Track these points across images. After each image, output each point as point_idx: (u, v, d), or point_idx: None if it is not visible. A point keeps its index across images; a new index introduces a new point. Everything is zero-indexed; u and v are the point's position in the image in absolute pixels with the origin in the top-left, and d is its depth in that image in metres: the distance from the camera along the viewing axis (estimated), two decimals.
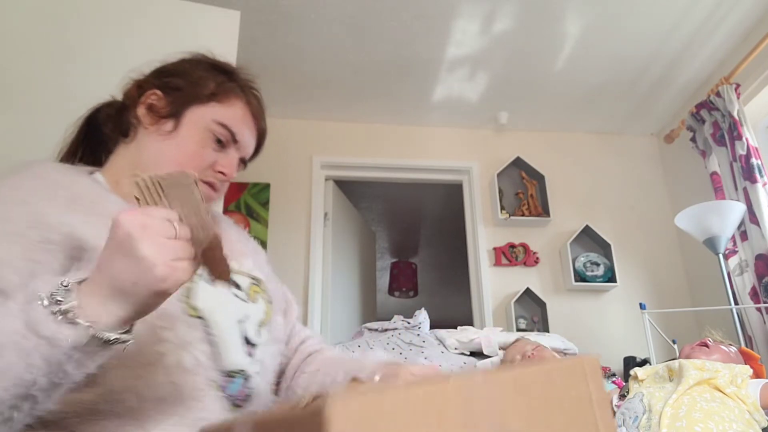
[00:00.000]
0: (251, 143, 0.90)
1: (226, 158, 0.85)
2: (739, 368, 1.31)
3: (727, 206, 2.28)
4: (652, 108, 3.19)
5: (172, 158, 0.81)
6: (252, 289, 0.85)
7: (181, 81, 0.86)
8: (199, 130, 0.83)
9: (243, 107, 0.88)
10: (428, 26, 2.53)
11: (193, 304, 0.71)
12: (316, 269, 2.92)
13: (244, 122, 0.87)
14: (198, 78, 0.86)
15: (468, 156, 3.29)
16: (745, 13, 2.48)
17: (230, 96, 0.86)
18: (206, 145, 0.83)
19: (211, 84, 0.86)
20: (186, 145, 0.82)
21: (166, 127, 0.82)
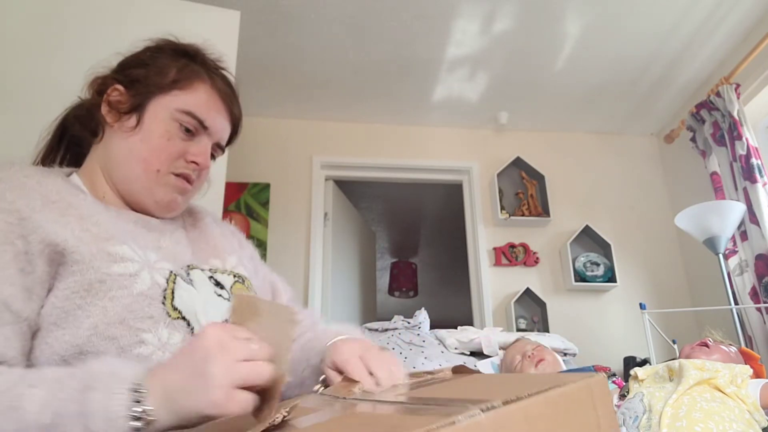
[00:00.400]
0: (224, 126, 0.86)
1: (197, 146, 0.81)
2: (739, 368, 1.31)
3: (727, 206, 2.28)
4: (652, 108, 3.19)
5: (138, 155, 0.78)
6: (236, 287, 0.82)
7: (142, 71, 0.82)
8: (164, 122, 0.79)
9: (208, 91, 0.83)
10: (428, 26, 2.53)
11: (174, 305, 0.70)
12: (316, 269, 2.92)
13: (210, 106, 0.83)
14: (159, 66, 0.82)
15: (468, 156, 3.29)
16: (745, 13, 2.48)
17: (193, 81, 0.82)
18: (173, 136, 0.79)
19: (172, 70, 0.81)
20: (151, 139, 0.78)
21: (129, 123, 0.79)
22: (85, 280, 0.64)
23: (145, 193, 0.79)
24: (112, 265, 0.66)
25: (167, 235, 0.82)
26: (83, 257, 0.65)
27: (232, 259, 0.88)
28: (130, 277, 0.67)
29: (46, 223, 0.65)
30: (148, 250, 0.73)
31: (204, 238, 0.89)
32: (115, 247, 0.68)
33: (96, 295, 0.64)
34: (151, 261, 0.71)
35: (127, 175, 0.78)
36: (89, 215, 0.70)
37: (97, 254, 0.66)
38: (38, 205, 0.67)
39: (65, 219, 0.67)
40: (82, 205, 0.71)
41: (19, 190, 0.67)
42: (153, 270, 0.70)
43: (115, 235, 0.70)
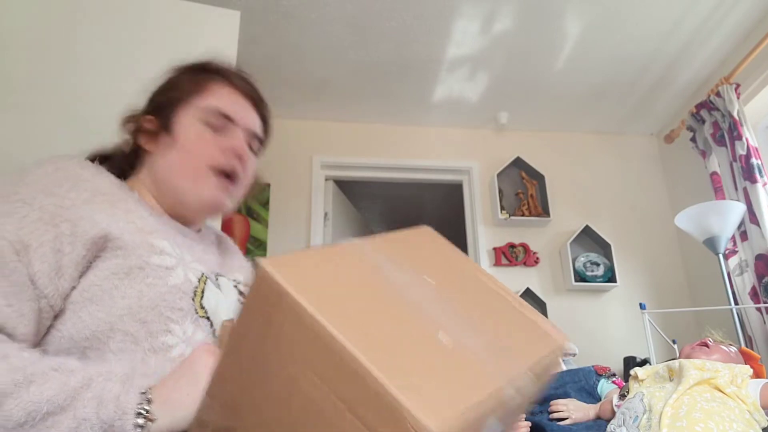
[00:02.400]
0: (251, 116, 0.88)
1: (230, 139, 0.84)
2: (739, 368, 1.31)
3: (727, 206, 2.28)
4: (652, 108, 3.19)
5: (179, 163, 0.81)
6: None
7: (163, 94, 0.86)
8: (192, 126, 0.82)
9: (226, 88, 0.86)
10: (428, 26, 2.53)
11: (203, 303, 0.73)
12: None
13: (232, 100, 0.86)
14: (175, 83, 0.86)
15: (468, 156, 3.29)
16: (745, 13, 2.48)
17: (209, 84, 0.86)
18: (203, 136, 0.82)
19: (185, 83, 0.86)
20: (185, 145, 0.81)
21: (164, 142, 0.82)
22: (126, 264, 0.67)
23: (192, 196, 0.82)
24: (152, 255, 0.70)
25: (201, 245, 0.86)
26: (126, 244, 0.68)
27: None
28: (167, 269, 0.70)
29: (93, 213, 0.68)
30: (185, 251, 0.77)
31: (230, 256, 0.94)
32: (157, 241, 0.72)
33: (135, 278, 0.67)
34: (187, 260, 0.75)
35: (175, 186, 0.82)
36: (135, 210, 0.74)
37: (140, 244, 0.70)
38: (88, 196, 0.70)
39: (113, 210, 0.71)
40: (129, 201, 0.75)
41: (74, 181, 0.71)
42: (187, 268, 0.74)
43: (157, 230, 0.74)
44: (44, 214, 0.66)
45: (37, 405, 0.52)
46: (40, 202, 0.66)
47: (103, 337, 0.64)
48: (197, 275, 0.74)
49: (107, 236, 0.67)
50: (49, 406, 0.52)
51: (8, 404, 0.51)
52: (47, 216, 0.66)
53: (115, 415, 0.54)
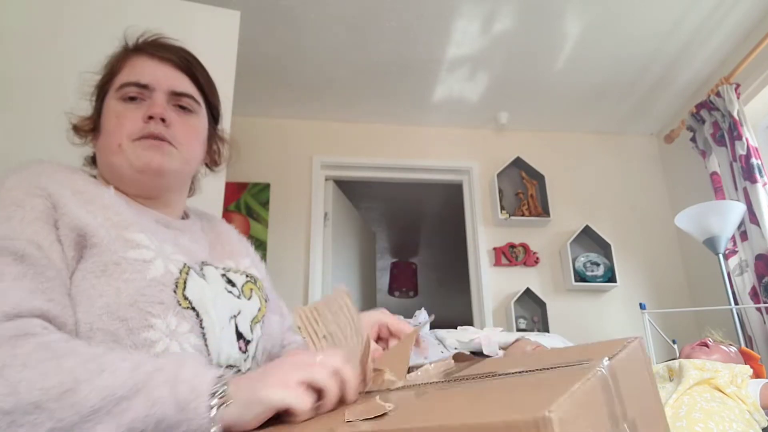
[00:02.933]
0: (169, 75, 0.84)
1: (146, 107, 0.81)
2: (739, 368, 1.31)
3: (727, 206, 2.28)
4: (652, 108, 3.19)
5: (105, 149, 0.81)
6: (247, 286, 0.84)
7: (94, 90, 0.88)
8: (112, 108, 0.82)
9: (135, 58, 0.85)
10: (428, 26, 2.53)
11: (186, 294, 0.71)
12: (316, 269, 2.92)
13: (139, 67, 0.84)
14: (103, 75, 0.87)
15: (468, 156, 3.29)
16: (745, 13, 2.48)
17: (123, 60, 0.85)
18: (120, 113, 0.81)
19: (107, 67, 0.86)
20: (107, 128, 0.81)
21: (96, 133, 0.85)
22: (102, 261, 0.67)
23: (126, 171, 0.80)
24: (128, 250, 0.69)
25: (186, 234, 0.84)
26: (102, 240, 0.68)
27: (246, 261, 0.90)
28: (145, 263, 0.69)
29: (73, 210, 0.68)
30: (165, 243, 0.76)
31: (220, 242, 0.91)
32: (133, 234, 0.71)
33: (111, 275, 0.66)
34: (167, 252, 0.74)
35: (107, 168, 0.81)
36: (111, 205, 0.73)
37: (115, 239, 0.69)
38: (68, 193, 0.71)
39: (89, 207, 0.71)
40: (105, 196, 0.74)
41: (50, 179, 0.71)
42: (167, 260, 0.72)
43: (133, 223, 0.73)
44: (40, 214, 0.66)
45: (111, 389, 0.52)
46: (30, 203, 0.67)
47: (85, 337, 0.64)
48: (179, 266, 0.73)
49: (85, 235, 0.68)
50: (123, 390, 0.52)
51: (83, 390, 0.51)
52: (43, 216, 0.67)
53: (190, 396, 0.53)
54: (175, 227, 0.83)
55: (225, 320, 0.75)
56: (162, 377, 0.54)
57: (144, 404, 0.52)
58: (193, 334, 0.70)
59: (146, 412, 0.51)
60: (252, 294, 0.84)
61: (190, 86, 0.87)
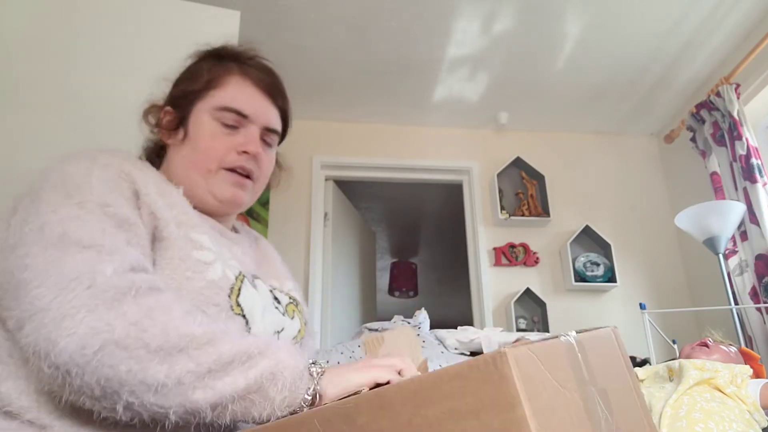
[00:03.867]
0: (265, 109, 0.87)
1: (243, 137, 0.83)
2: (739, 368, 1.31)
3: (727, 206, 2.28)
4: (652, 108, 3.19)
5: (190, 161, 0.82)
6: (290, 307, 0.86)
7: (181, 86, 0.86)
8: (206, 124, 0.82)
9: (240, 81, 0.85)
10: (428, 26, 2.53)
11: (239, 301, 0.73)
12: (316, 269, 2.92)
13: (246, 94, 0.85)
14: (192, 74, 0.86)
15: (468, 156, 3.29)
16: (745, 13, 2.48)
17: (224, 76, 0.85)
18: (216, 134, 0.82)
19: (203, 74, 0.85)
20: (197, 144, 0.82)
21: (179, 137, 0.84)
22: (169, 255, 0.69)
23: (206, 195, 0.82)
24: (193, 250, 0.71)
25: (239, 246, 0.87)
26: (171, 235, 0.70)
27: (289, 283, 0.93)
28: (206, 264, 0.71)
29: (153, 198, 0.71)
30: (223, 248, 0.78)
31: (266, 261, 0.94)
32: (198, 235, 0.73)
33: (175, 270, 0.68)
34: (225, 257, 0.76)
35: (187, 184, 0.81)
36: (179, 204, 0.75)
37: (182, 237, 0.71)
38: (149, 182, 0.73)
39: (161, 202, 0.72)
40: (174, 195, 0.76)
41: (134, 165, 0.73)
42: (225, 264, 0.74)
43: (198, 225, 0.75)
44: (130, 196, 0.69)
45: (242, 348, 0.59)
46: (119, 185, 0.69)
47: None
48: (235, 273, 0.75)
49: (158, 226, 0.70)
50: (252, 350, 0.60)
51: (221, 345, 0.59)
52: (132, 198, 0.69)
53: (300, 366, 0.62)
54: (229, 238, 0.86)
55: (270, 333, 0.78)
56: (277, 345, 0.63)
57: (269, 363, 0.60)
58: None
59: (272, 370, 0.59)
60: (294, 315, 0.86)
61: (278, 121, 0.90)
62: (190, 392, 0.56)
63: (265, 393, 0.59)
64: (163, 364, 0.55)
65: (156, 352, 0.55)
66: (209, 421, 0.58)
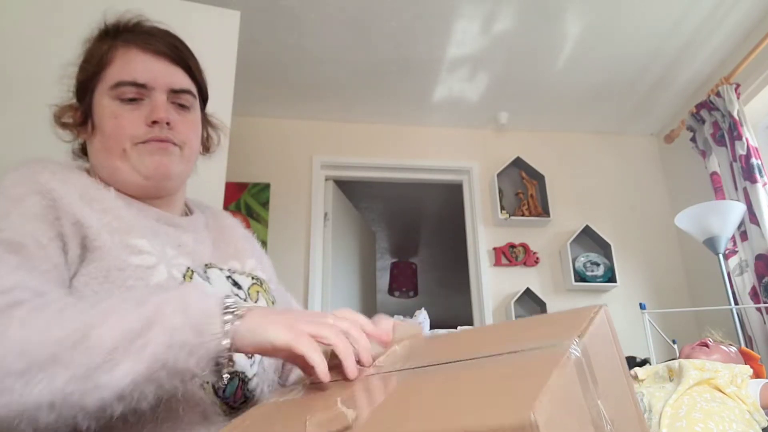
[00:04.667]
0: (165, 72, 0.79)
1: (147, 107, 0.77)
2: (739, 368, 1.31)
3: (727, 206, 2.28)
4: (652, 108, 3.19)
5: (103, 150, 0.77)
6: (253, 288, 0.82)
7: (78, 76, 0.82)
8: (106, 107, 0.77)
9: (125, 51, 0.79)
10: (428, 26, 2.53)
11: None
12: (316, 269, 2.92)
13: (135, 62, 0.78)
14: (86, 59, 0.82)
15: (468, 156, 3.29)
16: (745, 13, 2.48)
17: (110, 52, 0.79)
18: (119, 114, 0.76)
19: (91, 58, 0.80)
20: (103, 129, 0.77)
21: (89, 130, 0.80)
22: (104, 266, 0.65)
23: (132, 176, 0.77)
24: (130, 256, 0.67)
25: (189, 233, 0.82)
26: (104, 245, 0.66)
27: (251, 261, 0.88)
28: (148, 269, 0.67)
29: (76, 207, 0.67)
30: (167, 246, 0.74)
31: (225, 240, 0.88)
32: (135, 240, 0.69)
33: (114, 282, 0.65)
34: (169, 256, 0.72)
35: (108, 171, 0.78)
36: (111, 208, 0.71)
37: (117, 244, 0.67)
38: (71, 191, 0.69)
39: (90, 210, 0.69)
40: (105, 199, 0.72)
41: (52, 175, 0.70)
42: (170, 264, 0.71)
43: (135, 228, 0.71)
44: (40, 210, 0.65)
45: (124, 327, 0.52)
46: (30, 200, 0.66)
47: None
48: (182, 270, 0.71)
49: (88, 236, 0.66)
50: (137, 325, 0.52)
51: (95, 334, 0.51)
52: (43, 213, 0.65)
53: (203, 319, 0.53)
54: (177, 225, 0.81)
55: None
56: (171, 307, 0.53)
57: (162, 335, 0.52)
58: None
59: (167, 342, 0.51)
60: (258, 297, 0.82)
61: (186, 79, 0.83)
62: (86, 398, 0.50)
63: (172, 367, 0.52)
64: (40, 383, 0.49)
65: (24, 374, 0.49)
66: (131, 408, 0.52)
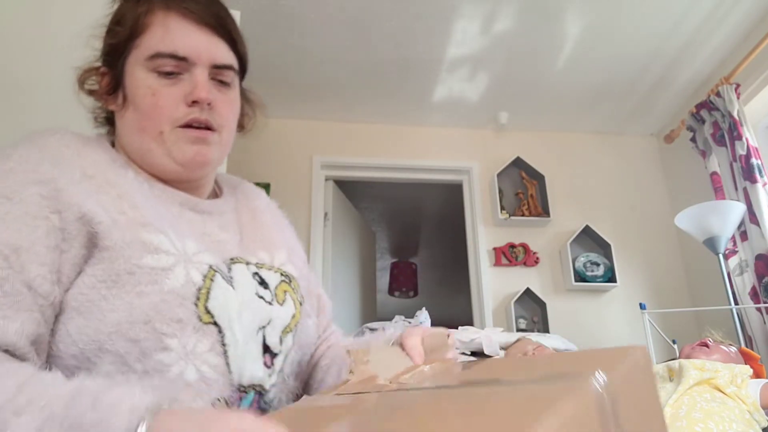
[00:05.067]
0: (209, 44, 0.70)
1: (188, 84, 0.69)
2: (739, 368, 1.31)
3: (727, 206, 2.28)
4: (652, 108, 3.19)
5: (136, 127, 0.69)
6: (281, 288, 0.74)
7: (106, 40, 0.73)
8: (142, 80, 0.68)
9: (164, 16, 0.69)
10: (428, 26, 2.53)
11: (208, 307, 0.62)
12: (316, 269, 2.92)
13: (176, 31, 0.69)
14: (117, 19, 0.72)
15: (468, 156, 3.29)
16: (745, 13, 2.48)
17: (146, 16, 0.69)
18: (156, 89, 0.68)
19: (125, 21, 0.70)
20: (138, 105, 0.68)
21: (118, 102, 0.71)
22: (114, 269, 0.59)
23: (165, 161, 0.70)
24: (144, 255, 0.60)
25: (215, 219, 0.75)
26: (115, 243, 0.59)
27: (282, 254, 0.79)
28: (163, 271, 0.60)
29: (82, 198, 0.59)
30: (189, 239, 0.66)
31: (254, 225, 0.80)
32: (151, 236, 0.61)
33: (123, 287, 0.58)
34: (189, 253, 0.64)
35: (139, 151, 0.70)
36: (128, 194, 0.64)
37: (130, 242, 0.60)
38: (76, 177, 0.61)
39: (101, 197, 0.61)
40: (122, 182, 0.65)
41: (55, 160, 0.62)
42: (190, 264, 0.63)
43: (152, 221, 0.63)
44: (30, 207, 0.57)
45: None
46: (22, 194, 0.58)
47: (93, 357, 0.57)
48: (203, 271, 0.63)
49: (97, 234, 0.59)
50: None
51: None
52: (34, 209, 0.57)
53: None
54: (203, 210, 0.74)
55: (251, 333, 0.66)
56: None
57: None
58: (213, 353, 0.61)
59: None
60: (286, 297, 0.74)
61: (229, 54, 0.74)
62: None
63: None
64: None
65: None
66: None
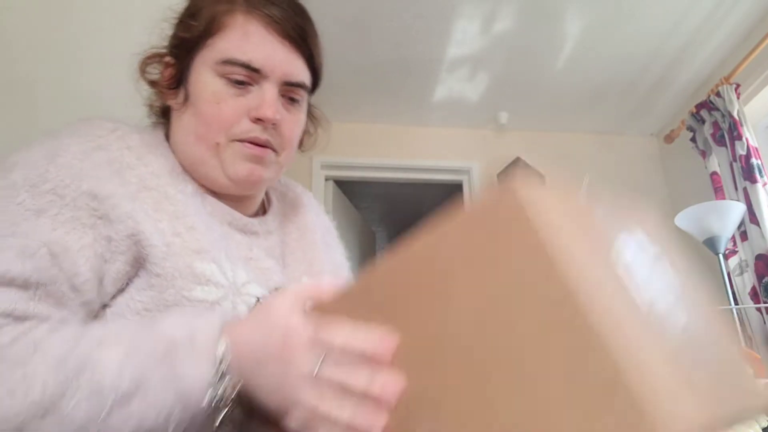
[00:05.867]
0: (285, 58, 0.65)
1: (255, 98, 0.64)
2: None
3: (727, 206, 2.28)
4: (652, 108, 3.19)
5: (193, 132, 0.65)
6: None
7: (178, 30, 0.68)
8: (208, 84, 0.63)
9: (244, 20, 0.63)
10: (428, 26, 2.53)
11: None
12: None
13: (254, 39, 0.63)
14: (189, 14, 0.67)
15: (468, 156, 3.29)
16: (745, 13, 2.48)
17: (225, 16, 0.64)
18: (222, 97, 0.63)
19: (202, 14, 0.65)
20: (200, 110, 0.64)
21: (178, 100, 0.66)
22: (163, 298, 0.55)
23: (217, 175, 0.65)
24: (194, 287, 0.56)
25: (261, 242, 0.70)
26: (166, 272, 0.55)
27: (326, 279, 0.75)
28: (210, 305, 0.57)
29: (137, 215, 0.56)
30: (239, 266, 0.62)
31: (301, 246, 0.76)
32: (203, 265, 0.57)
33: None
34: (239, 284, 0.60)
35: (191, 159, 0.66)
36: (184, 214, 0.59)
37: (182, 271, 0.56)
38: (133, 189, 0.57)
39: (158, 215, 0.57)
40: (180, 199, 0.60)
41: (115, 165, 0.58)
42: (238, 297, 0.59)
43: (206, 245, 0.59)
44: (80, 213, 0.54)
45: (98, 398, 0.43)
46: (76, 199, 0.54)
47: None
48: (250, 303, 0.60)
49: (148, 255, 0.55)
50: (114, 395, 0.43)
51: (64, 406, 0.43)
52: (84, 216, 0.54)
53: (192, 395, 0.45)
54: (249, 231, 0.69)
55: None
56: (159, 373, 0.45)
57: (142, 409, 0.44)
58: None
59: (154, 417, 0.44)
60: None
61: (304, 71, 0.70)
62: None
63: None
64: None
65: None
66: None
